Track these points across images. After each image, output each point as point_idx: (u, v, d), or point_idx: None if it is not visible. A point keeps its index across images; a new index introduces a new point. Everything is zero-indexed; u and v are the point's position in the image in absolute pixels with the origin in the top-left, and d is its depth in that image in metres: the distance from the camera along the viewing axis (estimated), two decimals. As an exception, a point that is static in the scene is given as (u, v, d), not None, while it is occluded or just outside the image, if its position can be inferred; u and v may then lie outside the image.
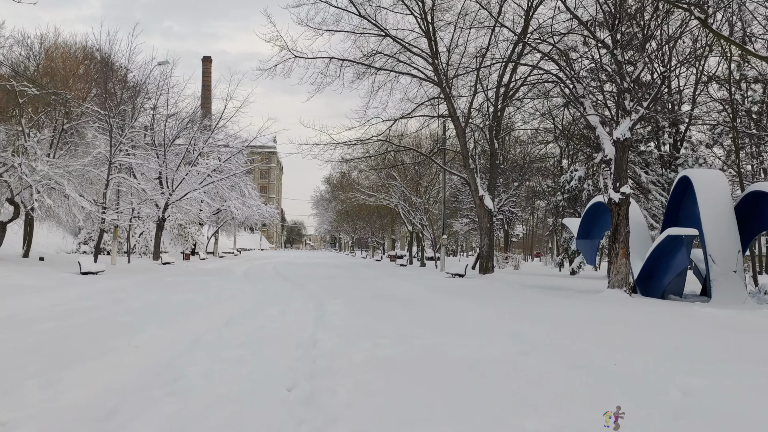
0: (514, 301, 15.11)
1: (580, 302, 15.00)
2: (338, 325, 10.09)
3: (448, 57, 26.48)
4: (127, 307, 12.55)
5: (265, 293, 16.98)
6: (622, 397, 5.22)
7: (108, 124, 27.53)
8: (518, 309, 13.29)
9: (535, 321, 11.14)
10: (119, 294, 15.65)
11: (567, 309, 13.47)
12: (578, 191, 31.06)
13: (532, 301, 15.14)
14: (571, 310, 13.32)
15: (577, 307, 13.83)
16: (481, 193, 26.84)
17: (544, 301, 15.13)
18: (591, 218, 22.40)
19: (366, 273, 31.49)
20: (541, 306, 14.02)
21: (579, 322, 11.22)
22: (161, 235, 40.33)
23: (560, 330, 9.94)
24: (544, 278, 28.37)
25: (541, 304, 14.53)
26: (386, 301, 15.11)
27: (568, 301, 15.20)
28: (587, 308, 13.63)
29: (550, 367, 6.74)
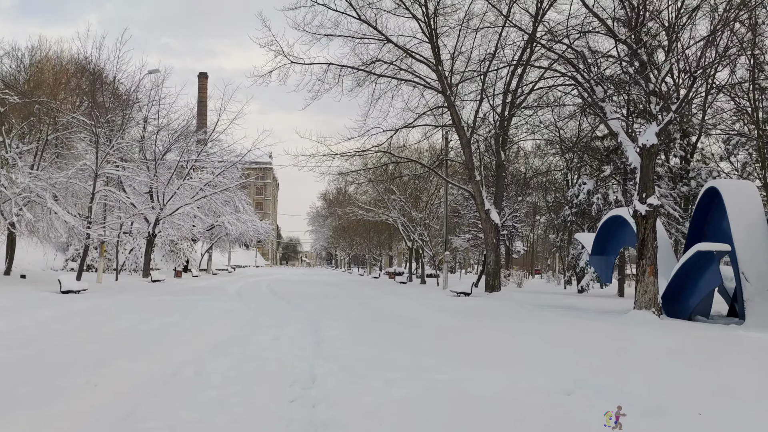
0: (533, 324, 13.67)
1: (607, 325, 13.57)
2: (340, 355, 8.65)
3: (452, 64, 25.29)
4: (100, 332, 11.06)
5: (257, 314, 15.50)
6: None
7: (94, 135, 26.12)
8: (541, 334, 11.85)
9: (564, 349, 9.72)
10: (96, 316, 14.15)
11: (596, 333, 12.05)
12: (587, 205, 29.73)
13: (553, 324, 13.70)
14: (601, 334, 11.91)
15: (607, 332, 12.41)
16: (487, 207, 25.48)
17: (566, 324, 13.68)
18: (606, 233, 21.06)
19: (365, 291, 30.00)
20: (566, 330, 12.58)
21: (616, 350, 9.81)
22: (151, 251, 38.77)
23: (598, 361, 8.52)
24: (552, 297, 26.92)
25: (564, 327, 13.09)
26: (391, 323, 13.66)
27: (593, 324, 13.77)
28: (618, 333, 12.21)
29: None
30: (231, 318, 14.52)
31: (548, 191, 43.77)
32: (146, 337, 10.34)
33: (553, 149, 35.90)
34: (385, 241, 69.28)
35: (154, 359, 8.22)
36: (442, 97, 26.99)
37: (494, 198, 26.97)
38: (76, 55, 34.30)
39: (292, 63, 23.69)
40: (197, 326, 12.42)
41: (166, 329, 11.63)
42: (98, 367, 7.31)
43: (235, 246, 79.86)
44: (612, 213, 20.35)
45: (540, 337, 11.19)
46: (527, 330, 12.36)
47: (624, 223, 19.82)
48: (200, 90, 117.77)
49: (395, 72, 26.13)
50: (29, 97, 25.38)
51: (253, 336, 10.92)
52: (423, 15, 24.39)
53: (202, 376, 7.08)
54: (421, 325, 13.42)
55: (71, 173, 24.90)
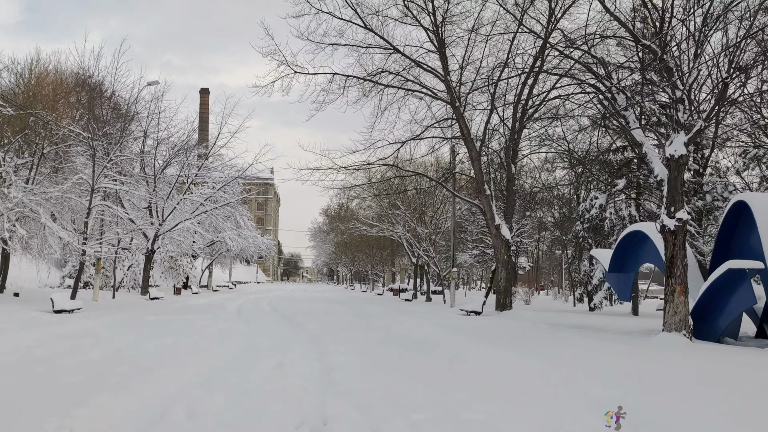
0: (558, 348, 12.63)
1: (637, 349, 12.53)
2: (353, 389, 7.64)
3: (460, 74, 24.44)
4: (85, 358, 10.04)
5: (258, 336, 14.47)
6: None
7: (91, 148, 25.26)
8: (570, 359, 10.82)
9: (600, 378, 8.71)
10: (84, 339, 13.13)
11: (628, 359, 11.02)
12: (599, 220, 28.75)
13: (578, 348, 12.66)
14: (634, 360, 10.88)
15: (639, 357, 11.38)
16: (497, 222, 24.50)
17: (593, 348, 12.65)
18: (625, 249, 20.03)
19: (370, 309, 28.93)
20: (594, 355, 11.55)
21: (658, 379, 8.79)
22: (150, 268, 37.77)
23: (644, 393, 7.50)
24: (565, 315, 25.83)
25: (591, 352, 12.05)
26: (403, 347, 12.64)
27: (622, 348, 12.73)
28: (652, 358, 11.17)
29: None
30: (229, 340, 13.49)
31: (556, 206, 42.84)
32: (135, 365, 9.33)
33: (562, 163, 34.96)
34: (388, 257, 68.24)
35: (140, 395, 7.21)
36: (451, 108, 26.16)
37: (504, 212, 25.99)
38: (75, 69, 33.64)
39: (295, 73, 22.89)
40: (192, 351, 11.41)
41: (159, 355, 10.61)
42: (74, 407, 6.30)
43: (236, 262, 78.84)
44: (632, 228, 19.36)
45: (570, 364, 10.17)
46: (554, 355, 11.32)
47: (644, 239, 18.83)
48: (202, 106, 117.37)
49: (402, 83, 25.33)
50: (24, 109, 24.56)
51: (253, 363, 9.91)
52: (431, 24, 23.60)
53: (194, 418, 6.07)
54: (437, 349, 12.39)
55: (66, 187, 24.01)
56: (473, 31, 23.14)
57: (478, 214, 36.21)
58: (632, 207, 28.53)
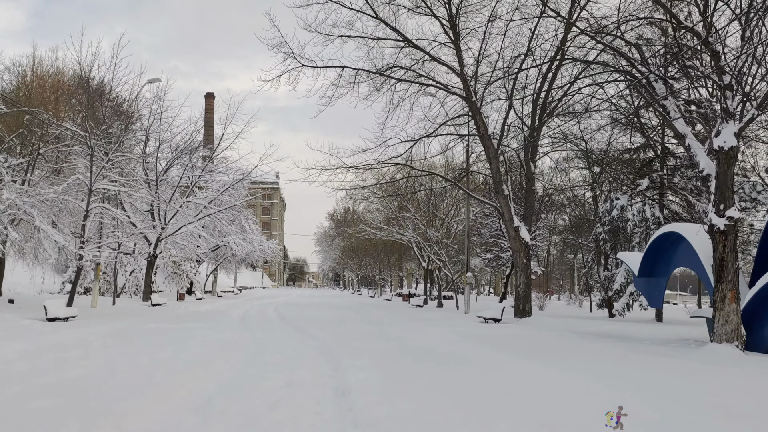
0: (598, 362, 11.30)
1: (692, 364, 11.17)
2: (377, 417, 6.35)
3: (476, 68, 23.12)
4: (66, 376, 8.79)
5: (263, 348, 13.19)
6: None
7: (89, 147, 24.07)
8: (620, 377, 9.49)
9: (668, 402, 7.39)
10: (73, 351, 11.89)
11: (684, 377, 9.68)
12: (622, 222, 27.35)
13: (623, 363, 11.32)
14: (690, 378, 9.55)
15: (693, 373, 10.04)
16: (516, 224, 23.17)
17: (639, 362, 11.31)
18: (656, 252, 18.69)
19: (381, 316, 27.60)
20: (644, 371, 10.22)
21: (729, 402, 7.46)
22: (152, 273, 36.54)
23: (722, 422, 6.20)
24: (588, 322, 24.43)
25: (639, 367, 10.72)
26: (425, 360, 11.33)
27: (669, 362, 11.38)
28: (709, 374, 9.83)
29: None
30: (232, 353, 12.21)
31: (571, 208, 41.45)
32: (121, 386, 8.06)
33: (579, 163, 33.64)
34: (396, 261, 66.94)
35: (121, 425, 5.94)
36: (465, 105, 24.89)
37: (523, 214, 24.65)
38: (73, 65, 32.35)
39: (303, 66, 21.63)
40: (190, 366, 10.13)
41: (150, 372, 9.34)
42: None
43: (241, 267, 77.53)
44: (665, 229, 18.00)
45: (622, 383, 8.84)
46: (600, 372, 9.97)
47: (678, 241, 17.49)
48: (207, 110, 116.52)
49: (415, 77, 24.06)
50: (19, 107, 23.43)
51: (258, 382, 8.64)
52: (446, 14, 22.34)
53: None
54: (463, 362, 11.07)
55: (62, 189, 22.81)
56: (490, 21, 21.87)
57: (491, 216, 34.89)
58: (656, 208, 27.14)
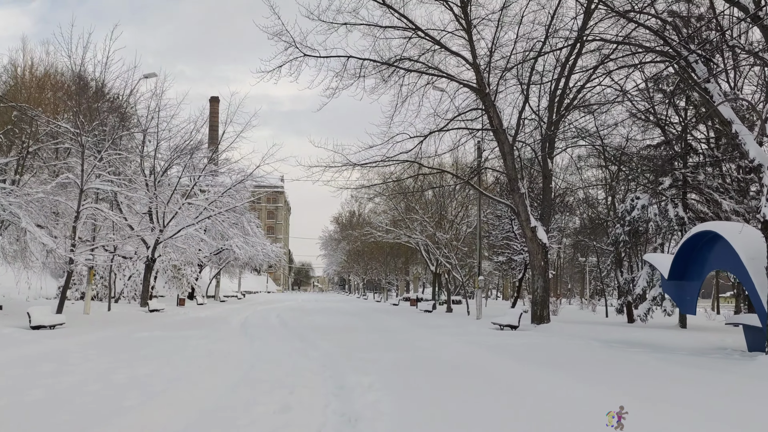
0: (637, 378, 9.86)
1: (750, 381, 9.71)
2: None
3: (489, 59, 21.70)
4: (19, 400, 7.42)
5: (260, 361, 11.80)
6: None
7: (79, 144, 22.78)
8: (668, 398, 8.05)
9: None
10: (46, 365, 10.53)
11: (751, 399, 8.23)
12: (643, 222, 25.83)
13: (663, 378, 9.90)
14: (759, 400, 8.10)
15: (764, 395, 8.59)
16: (533, 224, 21.72)
17: (682, 379, 9.88)
18: (689, 253, 17.19)
19: (389, 322, 26.16)
20: (691, 388, 8.80)
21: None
22: (150, 277, 35.24)
23: None
24: (608, 329, 22.88)
25: (683, 384, 9.31)
26: (441, 375, 9.94)
27: (724, 379, 9.94)
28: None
29: None
30: (223, 368, 10.82)
31: (583, 209, 39.96)
32: (80, 415, 6.68)
33: (594, 161, 32.12)
34: (402, 265, 65.48)
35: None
36: (477, 100, 23.51)
37: (541, 214, 23.19)
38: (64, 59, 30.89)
39: (305, 56, 20.29)
40: (171, 386, 8.73)
41: (123, 393, 7.96)
42: None
43: (245, 271, 76.25)
44: (699, 228, 16.53)
45: (680, 408, 7.40)
46: (648, 393, 8.51)
47: (714, 241, 16.03)
48: (212, 114, 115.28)
49: (423, 69, 22.67)
50: (6, 102, 22.17)
51: (248, 407, 7.24)
52: (457, 0, 20.94)
53: None
54: (485, 378, 9.65)
55: (50, 188, 21.52)
56: (505, 7, 20.43)
57: (503, 217, 33.40)
58: (679, 207, 25.60)
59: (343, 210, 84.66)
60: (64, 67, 27.91)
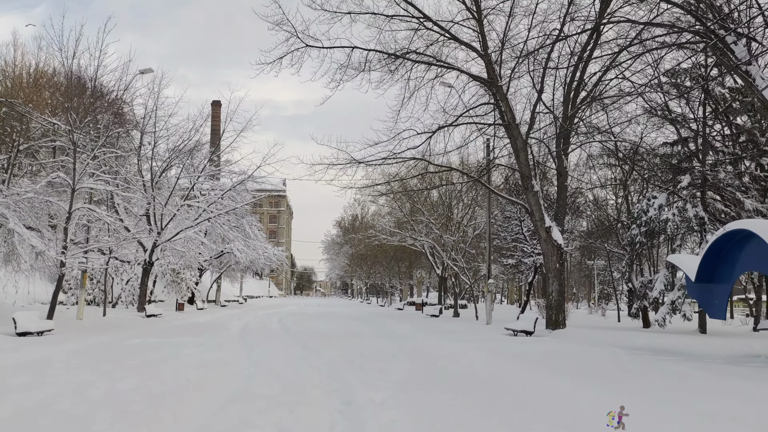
0: (682, 392, 8.74)
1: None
2: None
3: (501, 50, 20.60)
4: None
5: (258, 372, 10.68)
6: None
7: (71, 142, 21.73)
8: (730, 415, 6.92)
9: None
10: (19, 378, 9.44)
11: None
12: (661, 222, 24.68)
13: (710, 392, 8.76)
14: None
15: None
16: (548, 224, 20.61)
17: (730, 392, 8.74)
18: (718, 254, 16.02)
19: (395, 328, 25.02)
20: (749, 404, 7.65)
21: None
22: (148, 281, 34.16)
23: None
24: (626, 334, 21.70)
25: (734, 399, 8.15)
26: (461, 389, 8.81)
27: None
28: None
29: None
30: (217, 380, 9.71)
31: (590, 210, 38.84)
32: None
33: (604, 160, 30.97)
34: (406, 269, 64.32)
35: None
36: (486, 94, 22.43)
37: (555, 213, 22.05)
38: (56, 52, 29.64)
39: (307, 47, 19.23)
40: (153, 403, 7.61)
41: (94, 413, 6.85)
42: None
43: (246, 275, 75.13)
44: (731, 227, 15.39)
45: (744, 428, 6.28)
46: (701, 409, 7.37)
47: (747, 240, 14.90)
48: (213, 118, 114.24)
49: (428, 66, 21.61)
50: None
51: (240, 430, 6.13)
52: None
53: None
54: (512, 393, 8.52)
55: (39, 187, 20.47)
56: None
57: (512, 218, 32.26)
58: (698, 207, 24.45)
59: (346, 214, 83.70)
60: (57, 62, 26.91)
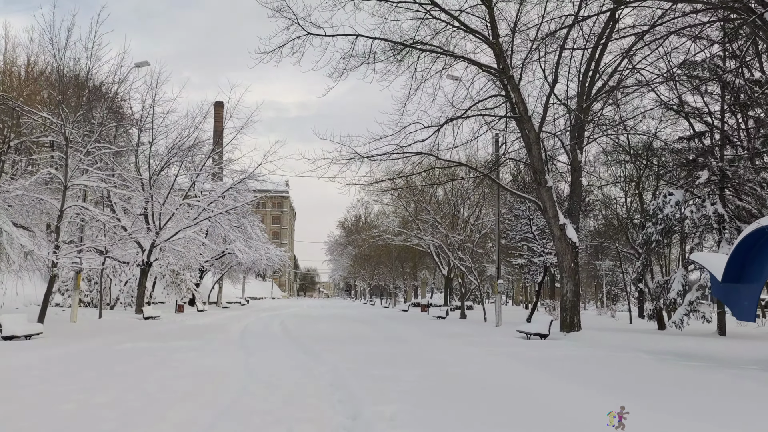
0: (749, 407, 7.72)
1: None
2: None
3: (512, 36, 19.57)
4: None
5: (254, 382, 9.71)
6: None
7: (64, 138, 20.80)
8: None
9: None
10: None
11: None
12: (679, 220, 23.63)
13: None
14: None
15: None
16: (562, 221, 19.59)
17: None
18: (747, 252, 14.96)
19: (401, 331, 24.01)
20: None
21: None
22: (146, 282, 33.22)
23: None
24: (644, 338, 20.63)
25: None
26: (486, 405, 7.82)
27: None
28: None
29: None
30: (208, 391, 8.72)
31: (600, 208, 37.83)
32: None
33: (620, 156, 29.96)
34: (410, 270, 63.26)
35: None
36: (496, 86, 21.42)
37: (569, 210, 21.03)
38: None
39: (309, 35, 18.26)
40: (129, 420, 6.63)
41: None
42: None
43: (249, 277, 74.18)
44: (763, 222, 14.35)
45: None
46: None
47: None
48: (216, 119, 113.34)
49: (435, 57, 20.62)
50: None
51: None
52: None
53: None
54: (552, 413, 7.51)
55: (29, 184, 19.55)
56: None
57: (521, 217, 31.22)
58: (717, 203, 23.40)
59: (349, 214, 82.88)
60: (48, 54, 25.95)
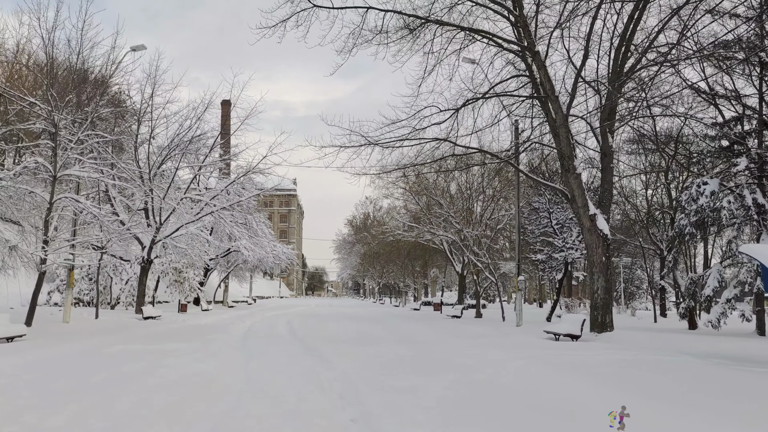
0: None
1: None
2: None
3: (536, 13, 17.92)
4: None
5: (251, 392, 8.17)
6: None
7: (53, 125, 19.34)
8: None
9: None
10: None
11: None
12: (714, 211, 21.91)
13: None
14: None
15: None
16: (592, 212, 17.94)
17: None
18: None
19: (415, 331, 22.43)
20: None
21: None
22: (147, 280, 31.80)
23: None
24: (680, 338, 19.01)
25: None
26: (535, 425, 6.24)
27: None
28: None
29: None
30: (192, 407, 7.18)
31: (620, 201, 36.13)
32: None
33: (646, 145, 28.24)
34: (421, 268, 61.74)
35: None
36: (517, 67, 19.81)
37: (600, 200, 19.37)
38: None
39: (315, 7, 16.71)
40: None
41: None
42: None
43: (256, 275, 72.82)
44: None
45: None
46: None
47: None
48: (223, 117, 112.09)
49: (451, 36, 19.01)
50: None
51: None
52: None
53: None
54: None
55: (14, 173, 18.12)
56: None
57: (541, 210, 29.53)
58: (757, 193, 21.66)
59: (357, 212, 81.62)
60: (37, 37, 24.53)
